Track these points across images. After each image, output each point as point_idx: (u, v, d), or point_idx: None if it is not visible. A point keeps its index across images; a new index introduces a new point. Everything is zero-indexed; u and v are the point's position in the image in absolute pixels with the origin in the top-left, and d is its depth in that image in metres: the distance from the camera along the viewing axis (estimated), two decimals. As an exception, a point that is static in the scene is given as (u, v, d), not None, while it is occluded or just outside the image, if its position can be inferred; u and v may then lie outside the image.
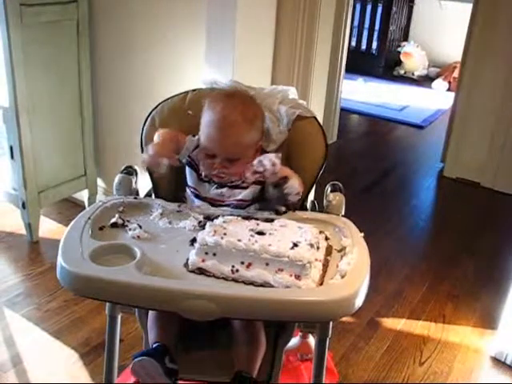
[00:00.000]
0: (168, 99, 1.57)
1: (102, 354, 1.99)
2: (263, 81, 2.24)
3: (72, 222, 1.27)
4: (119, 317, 1.44)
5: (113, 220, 1.30)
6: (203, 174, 1.44)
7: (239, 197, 1.42)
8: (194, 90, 1.58)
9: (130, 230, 1.28)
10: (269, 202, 1.41)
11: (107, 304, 1.43)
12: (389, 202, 3.40)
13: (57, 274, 1.13)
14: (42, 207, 2.62)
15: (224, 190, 1.43)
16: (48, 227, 2.73)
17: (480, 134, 3.55)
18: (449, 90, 5.71)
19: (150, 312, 1.38)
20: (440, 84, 5.80)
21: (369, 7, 6.10)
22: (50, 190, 2.64)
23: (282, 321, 1.28)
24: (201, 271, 1.13)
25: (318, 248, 1.16)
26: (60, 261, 1.12)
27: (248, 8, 2.06)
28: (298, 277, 1.08)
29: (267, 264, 1.10)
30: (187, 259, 1.16)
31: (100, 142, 2.77)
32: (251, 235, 1.16)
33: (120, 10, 2.46)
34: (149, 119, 1.54)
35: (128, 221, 1.31)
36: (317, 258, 1.14)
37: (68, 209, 2.87)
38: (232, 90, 1.50)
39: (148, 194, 1.55)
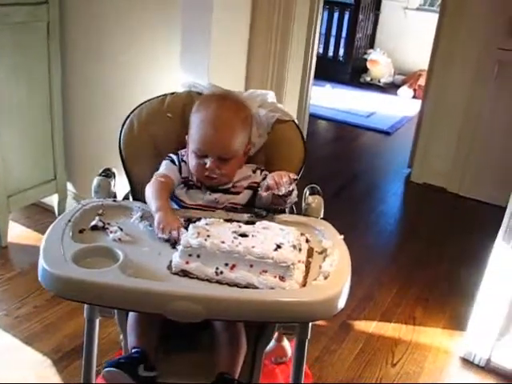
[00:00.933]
0: (146, 102, 1.56)
1: (75, 359, 1.98)
2: (237, 86, 2.25)
3: (52, 225, 1.26)
4: (98, 320, 1.43)
5: (93, 223, 1.29)
6: (194, 178, 1.44)
7: (233, 201, 1.43)
8: (172, 93, 1.59)
9: (111, 232, 1.27)
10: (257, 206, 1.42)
11: (85, 307, 1.41)
12: (357, 207, 3.44)
13: (39, 276, 1.12)
14: (10, 212, 2.58)
15: (217, 195, 1.43)
16: (17, 232, 2.68)
17: (446, 140, 3.64)
18: (414, 97, 5.83)
19: (130, 315, 1.37)
20: (405, 91, 5.91)
21: (336, 15, 6.19)
22: (20, 195, 2.59)
23: (267, 322, 1.28)
24: (184, 273, 1.13)
25: (300, 250, 1.17)
26: (42, 263, 1.11)
27: (223, 13, 2.07)
28: (282, 278, 1.09)
29: (251, 266, 1.11)
30: (170, 261, 1.16)
31: (70, 146, 2.74)
32: (234, 237, 1.16)
33: (92, 12, 2.44)
34: (127, 122, 1.54)
35: (108, 223, 1.30)
36: (299, 260, 1.15)
37: (37, 214, 2.82)
38: (224, 93, 1.51)
39: (126, 197, 1.54)
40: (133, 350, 1.31)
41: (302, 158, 1.52)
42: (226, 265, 1.12)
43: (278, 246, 1.14)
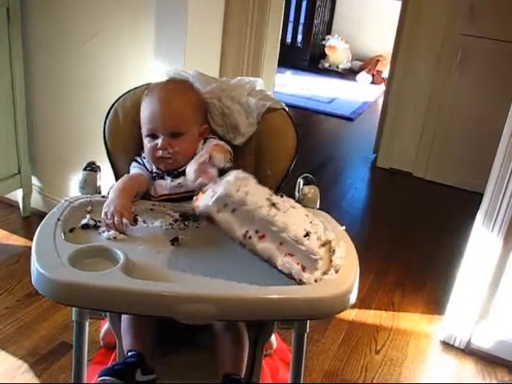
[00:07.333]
0: (130, 91, 1.49)
1: (53, 362, 1.90)
2: (212, 73, 2.19)
3: (41, 224, 1.17)
4: (87, 323, 1.36)
5: (84, 221, 1.22)
6: (154, 166, 1.40)
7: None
8: (156, 83, 1.51)
9: (103, 231, 1.20)
10: None
11: (74, 309, 1.33)
12: (327, 195, 3.41)
13: (33, 281, 1.04)
14: (-28, 209, 2.45)
15: (180, 179, 1.37)
16: (-21, 230, 2.55)
17: (411, 125, 3.67)
18: (372, 82, 5.87)
19: (124, 317, 1.30)
20: (364, 77, 5.94)
21: (293, 1, 6.14)
22: (-18, 190, 2.46)
23: (281, 319, 1.24)
24: (209, 219, 1.07)
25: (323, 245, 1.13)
26: (36, 267, 1.03)
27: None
28: (304, 268, 1.05)
29: (281, 243, 1.05)
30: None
31: (35, 138, 2.60)
32: (268, 205, 1.09)
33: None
34: (111, 112, 1.46)
35: (99, 221, 1.23)
36: (321, 257, 1.11)
37: (0, 210, 2.69)
38: (170, 80, 1.48)
39: (111, 192, 1.47)
40: (129, 354, 1.25)
41: (294, 147, 1.48)
42: (257, 232, 1.05)
43: (307, 234, 1.08)
